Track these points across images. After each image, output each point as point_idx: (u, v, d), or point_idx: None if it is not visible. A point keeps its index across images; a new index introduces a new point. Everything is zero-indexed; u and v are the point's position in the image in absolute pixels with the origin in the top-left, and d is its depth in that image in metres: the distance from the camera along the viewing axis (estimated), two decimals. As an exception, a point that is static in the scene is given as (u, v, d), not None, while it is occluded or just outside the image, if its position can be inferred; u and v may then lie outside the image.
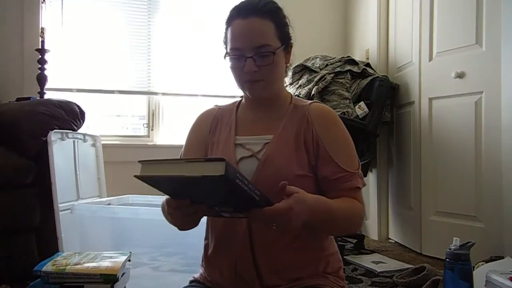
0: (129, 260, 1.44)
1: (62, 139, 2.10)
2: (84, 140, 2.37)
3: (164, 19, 3.29)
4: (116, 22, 3.21)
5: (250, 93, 1.06)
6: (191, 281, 1.11)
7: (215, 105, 1.21)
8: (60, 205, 1.98)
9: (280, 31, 1.03)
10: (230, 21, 1.03)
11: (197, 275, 1.12)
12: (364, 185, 1.06)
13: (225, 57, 1.05)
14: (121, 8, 3.22)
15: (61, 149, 2.08)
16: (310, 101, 1.11)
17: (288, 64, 1.10)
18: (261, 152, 1.04)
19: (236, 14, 1.02)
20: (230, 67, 1.05)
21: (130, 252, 1.47)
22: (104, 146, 2.60)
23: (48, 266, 1.27)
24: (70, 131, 2.17)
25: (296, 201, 0.85)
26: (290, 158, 1.02)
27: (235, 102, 1.18)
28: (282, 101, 1.11)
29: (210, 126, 1.13)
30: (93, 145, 2.51)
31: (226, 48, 1.06)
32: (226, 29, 1.04)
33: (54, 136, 1.99)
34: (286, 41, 1.05)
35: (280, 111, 1.10)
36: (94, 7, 3.15)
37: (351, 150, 1.07)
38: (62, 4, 3.01)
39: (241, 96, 1.17)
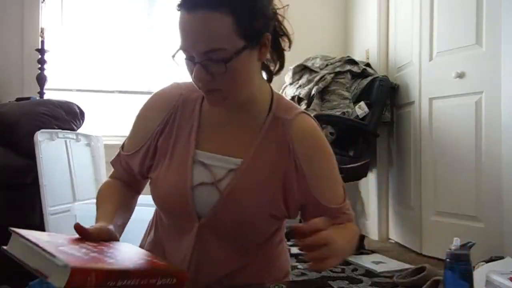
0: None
1: (51, 139, 2.02)
2: (77, 140, 2.29)
3: (164, 19, 3.28)
4: (116, 22, 3.21)
5: (208, 103, 0.84)
6: None
7: (175, 83, 0.93)
8: (55, 207, 1.96)
9: (243, 26, 0.73)
10: (178, 8, 0.75)
11: None
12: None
13: (173, 56, 0.78)
14: (121, 8, 3.22)
15: (52, 149, 2.01)
16: (294, 113, 0.87)
17: (263, 60, 0.85)
18: (223, 180, 0.83)
19: (181, 2, 0.74)
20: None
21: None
22: (105, 146, 2.60)
23: None
24: (60, 130, 2.08)
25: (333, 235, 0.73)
26: (262, 196, 0.83)
27: None
28: (258, 105, 0.87)
29: (164, 119, 0.88)
30: (88, 144, 2.43)
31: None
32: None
33: (41, 136, 1.89)
34: (253, 37, 0.77)
35: (255, 119, 0.87)
36: (94, 6, 3.15)
37: (335, 181, 0.89)
38: (62, 3, 3.01)
39: None
